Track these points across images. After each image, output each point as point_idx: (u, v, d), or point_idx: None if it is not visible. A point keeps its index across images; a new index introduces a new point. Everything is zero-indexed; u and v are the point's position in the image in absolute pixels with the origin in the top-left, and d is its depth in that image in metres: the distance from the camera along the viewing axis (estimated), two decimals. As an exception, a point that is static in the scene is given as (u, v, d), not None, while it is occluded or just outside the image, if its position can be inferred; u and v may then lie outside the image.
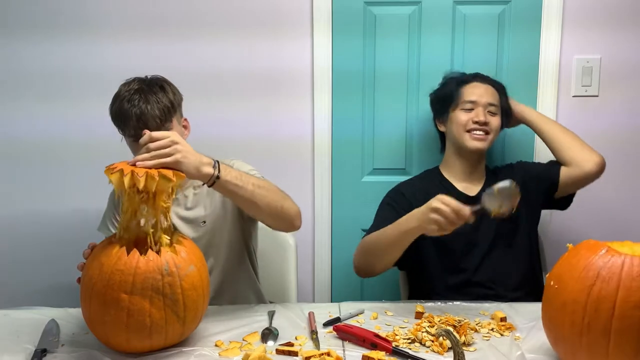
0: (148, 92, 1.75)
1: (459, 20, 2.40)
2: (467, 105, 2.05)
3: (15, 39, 2.39)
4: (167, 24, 2.39)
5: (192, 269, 1.49)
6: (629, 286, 1.27)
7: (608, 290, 1.29)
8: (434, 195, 1.82)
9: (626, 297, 1.27)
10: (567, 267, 1.38)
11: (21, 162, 2.46)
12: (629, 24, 2.37)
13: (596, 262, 1.33)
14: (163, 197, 1.49)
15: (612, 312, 1.28)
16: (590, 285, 1.31)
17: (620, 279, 1.28)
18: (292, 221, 1.75)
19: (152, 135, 1.52)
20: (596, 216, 2.21)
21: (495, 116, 2.07)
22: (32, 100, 2.42)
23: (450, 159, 2.13)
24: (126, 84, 1.80)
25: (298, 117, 2.44)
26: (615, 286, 1.28)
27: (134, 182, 1.43)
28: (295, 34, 2.39)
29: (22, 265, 2.51)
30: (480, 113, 2.03)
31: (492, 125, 2.05)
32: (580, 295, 1.32)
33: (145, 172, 1.44)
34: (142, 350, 1.48)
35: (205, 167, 1.56)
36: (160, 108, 1.74)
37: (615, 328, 1.28)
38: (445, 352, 1.51)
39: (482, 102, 2.05)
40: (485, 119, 2.03)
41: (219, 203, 1.89)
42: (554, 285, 1.39)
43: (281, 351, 1.50)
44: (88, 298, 1.46)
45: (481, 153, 2.08)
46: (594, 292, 1.30)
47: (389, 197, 2.10)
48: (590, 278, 1.32)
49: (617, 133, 2.44)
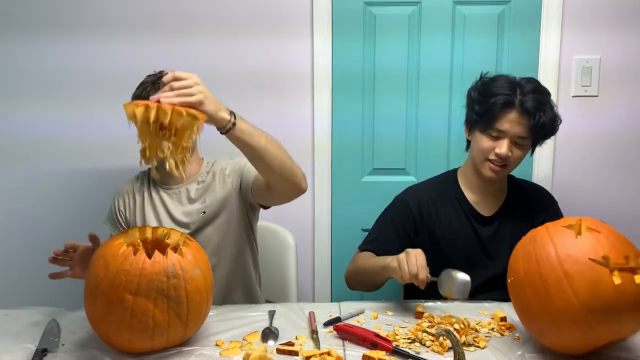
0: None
1: (458, 20, 2.40)
2: (495, 132, 1.86)
3: (13, 38, 2.39)
4: (166, 24, 2.39)
5: (197, 272, 1.49)
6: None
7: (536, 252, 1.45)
8: (443, 211, 1.88)
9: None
10: (514, 256, 1.53)
11: (20, 161, 2.46)
12: (629, 24, 2.38)
13: (530, 236, 1.52)
14: (186, 136, 1.45)
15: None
16: (533, 254, 1.45)
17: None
18: (299, 181, 1.73)
19: (175, 74, 1.49)
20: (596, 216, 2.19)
21: (520, 148, 1.87)
22: (31, 99, 2.42)
23: (469, 169, 1.99)
24: (152, 75, 1.87)
25: (298, 117, 2.44)
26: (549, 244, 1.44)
27: (158, 117, 1.40)
28: (295, 34, 2.39)
29: (22, 266, 2.51)
30: (504, 146, 1.84)
31: (512, 158, 1.87)
32: (528, 265, 1.45)
33: (172, 108, 1.41)
34: (143, 350, 1.49)
35: (223, 112, 1.55)
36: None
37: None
38: (445, 352, 1.52)
39: (511, 133, 1.84)
40: (507, 153, 1.85)
41: (220, 196, 1.91)
42: (510, 279, 1.51)
43: (282, 351, 1.50)
44: (92, 297, 1.46)
45: (498, 180, 1.95)
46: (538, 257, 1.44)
47: (393, 207, 2.02)
48: (530, 251, 1.47)
49: (616, 133, 2.44)
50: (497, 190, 1.99)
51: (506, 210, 1.97)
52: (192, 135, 1.46)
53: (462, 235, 1.95)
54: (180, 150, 1.46)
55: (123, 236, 1.55)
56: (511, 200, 1.99)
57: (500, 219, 1.97)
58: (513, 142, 1.86)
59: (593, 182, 2.47)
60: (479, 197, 1.98)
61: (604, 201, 2.47)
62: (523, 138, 1.85)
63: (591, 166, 2.47)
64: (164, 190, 1.96)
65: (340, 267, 2.51)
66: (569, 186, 2.45)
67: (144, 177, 2.01)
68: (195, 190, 1.93)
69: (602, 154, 2.46)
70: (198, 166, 1.98)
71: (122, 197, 1.99)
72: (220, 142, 1.89)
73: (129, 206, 1.97)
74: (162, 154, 1.44)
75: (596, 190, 2.48)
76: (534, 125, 1.83)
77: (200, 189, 1.93)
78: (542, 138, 1.91)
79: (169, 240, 1.57)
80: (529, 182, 2.12)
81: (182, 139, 1.45)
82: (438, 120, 2.46)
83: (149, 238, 1.59)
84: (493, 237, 1.95)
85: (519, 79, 1.90)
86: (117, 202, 2.00)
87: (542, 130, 1.87)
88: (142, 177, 2.02)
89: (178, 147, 1.45)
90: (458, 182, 2.01)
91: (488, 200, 1.98)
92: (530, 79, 1.91)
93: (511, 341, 1.57)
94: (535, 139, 1.90)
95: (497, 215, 1.97)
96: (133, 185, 2.00)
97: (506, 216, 1.97)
